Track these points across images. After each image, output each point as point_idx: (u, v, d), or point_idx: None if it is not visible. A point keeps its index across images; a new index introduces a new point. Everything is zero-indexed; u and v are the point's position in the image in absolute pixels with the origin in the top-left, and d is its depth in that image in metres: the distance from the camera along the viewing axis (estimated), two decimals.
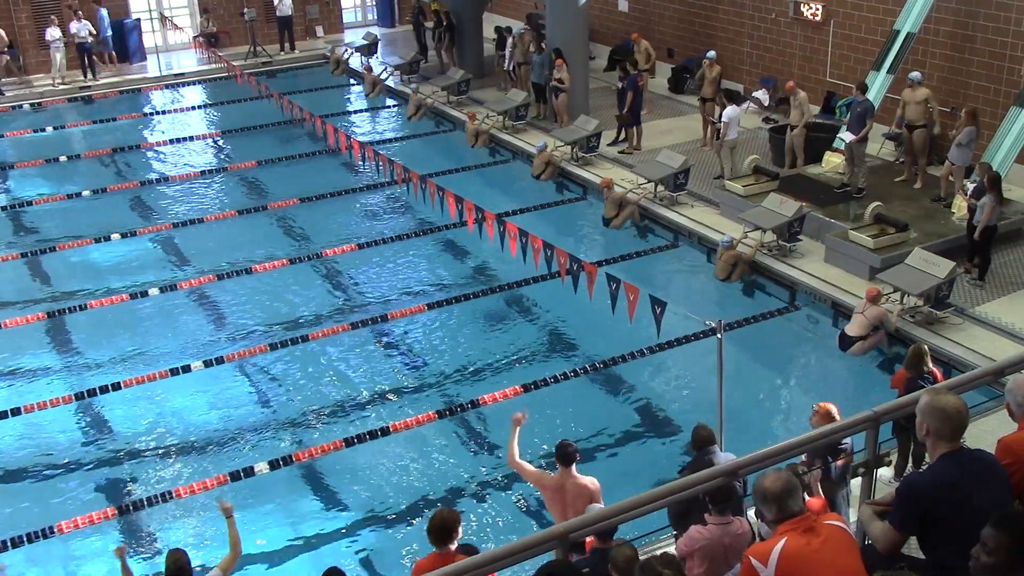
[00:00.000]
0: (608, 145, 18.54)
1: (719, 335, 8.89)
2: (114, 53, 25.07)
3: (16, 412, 11.29)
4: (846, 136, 15.34)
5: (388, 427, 10.87)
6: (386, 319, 13.29)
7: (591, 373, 11.90)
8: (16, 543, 9.28)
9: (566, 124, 18.97)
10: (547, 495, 7.97)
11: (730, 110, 16.26)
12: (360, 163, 18.30)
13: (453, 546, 6.48)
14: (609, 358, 12.01)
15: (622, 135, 18.68)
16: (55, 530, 9.38)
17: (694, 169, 16.31)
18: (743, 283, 13.87)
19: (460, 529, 6.54)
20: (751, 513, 6.95)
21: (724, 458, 7.54)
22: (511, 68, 21.99)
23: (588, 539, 6.62)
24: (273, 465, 10.32)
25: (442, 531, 6.45)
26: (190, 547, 8.47)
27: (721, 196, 15.69)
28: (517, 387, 11.41)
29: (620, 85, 18.35)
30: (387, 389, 11.98)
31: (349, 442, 10.66)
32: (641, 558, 5.25)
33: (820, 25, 18.63)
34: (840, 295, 12.89)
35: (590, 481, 7.76)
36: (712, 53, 18.52)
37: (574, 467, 7.77)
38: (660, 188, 16.16)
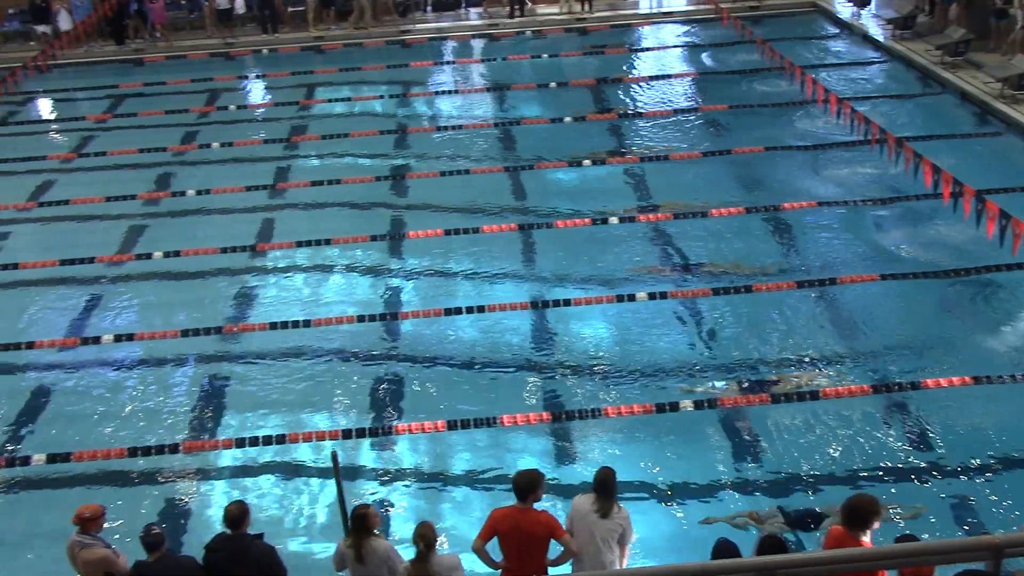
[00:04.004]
0: None
1: None
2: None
3: (481, 309, 12.60)
4: None
5: (818, 392, 10.63)
6: (834, 282, 12.88)
7: None
8: (464, 425, 10.44)
9: None
10: None
11: None
12: (834, 118, 17.66)
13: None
14: None
15: None
16: (497, 421, 10.40)
17: None
18: None
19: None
20: None
21: None
22: None
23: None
24: (698, 405, 10.56)
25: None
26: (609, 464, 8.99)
27: None
28: (966, 377, 10.57)
29: None
30: (820, 354, 11.64)
31: (775, 398, 10.60)
32: None
33: None
34: None
35: None
36: None
37: None
38: None
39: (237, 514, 7.31)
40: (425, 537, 6.98)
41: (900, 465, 9.76)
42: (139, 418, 11.28)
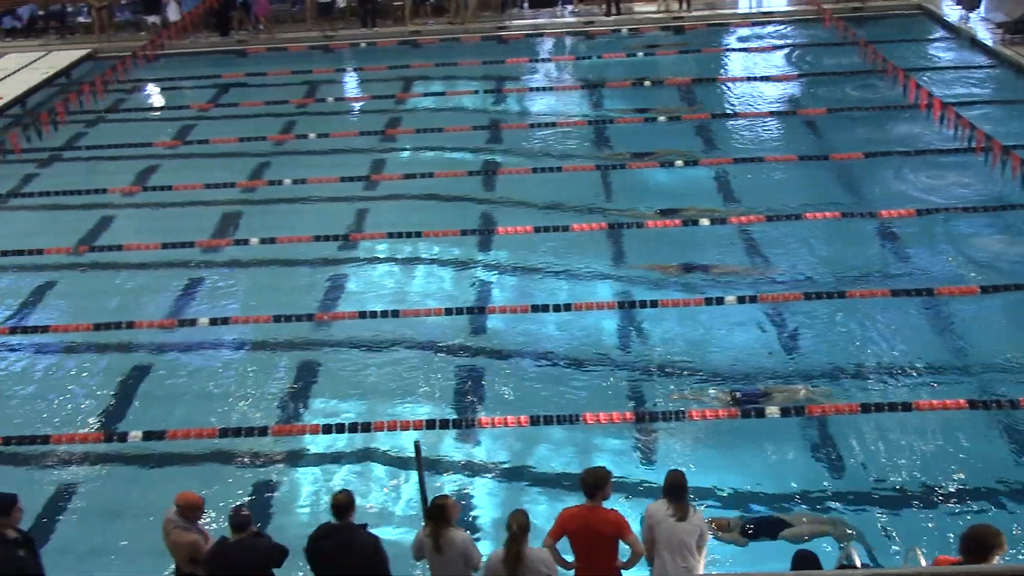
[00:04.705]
0: None
1: None
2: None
3: (567, 307, 12.62)
4: None
5: (911, 403, 10.35)
6: (931, 293, 12.52)
7: None
8: (547, 421, 10.47)
9: None
10: None
11: None
12: (938, 124, 17.16)
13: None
14: None
15: None
16: (580, 419, 10.40)
17: None
18: None
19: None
20: None
21: None
22: None
23: None
24: (784, 412, 10.39)
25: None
26: (687, 469, 8.89)
27: None
28: None
29: None
30: (917, 364, 11.33)
31: (866, 408, 10.36)
32: None
33: None
34: None
35: None
36: None
37: None
38: None
39: (345, 503, 7.37)
40: (519, 522, 7.04)
41: (991, 485, 9.46)
42: (231, 400, 11.59)
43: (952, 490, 9.39)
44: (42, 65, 24.26)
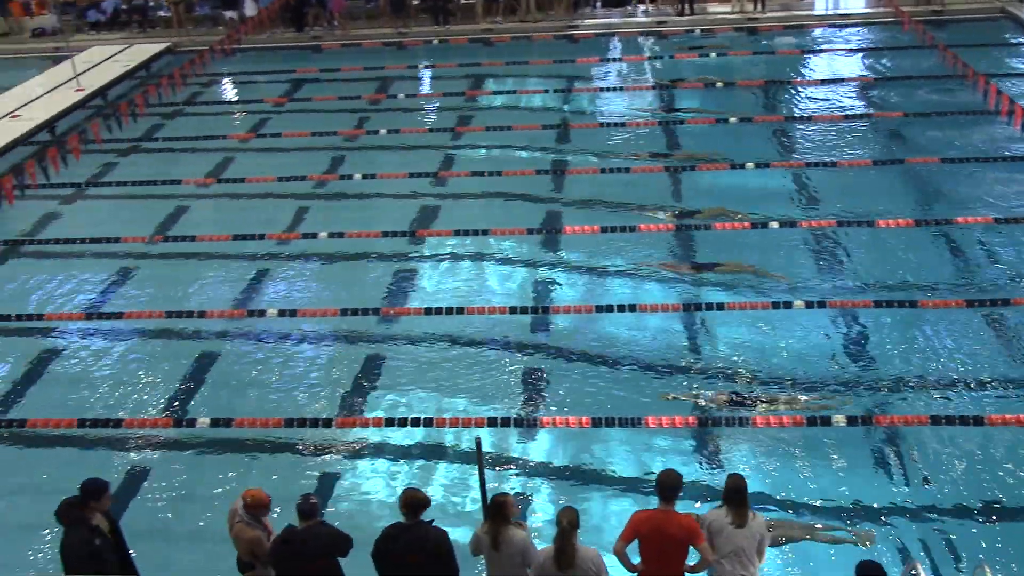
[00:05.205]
0: None
1: None
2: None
3: (632, 308, 12.57)
4: None
5: (983, 417, 10.11)
6: (1007, 303, 12.21)
7: None
8: (609, 422, 10.44)
9: None
10: None
11: None
12: (1019, 131, 16.71)
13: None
14: None
15: None
16: (642, 422, 10.35)
17: None
18: None
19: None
20: None
21: None
22: None
23: None
24: (851, 421, 10.22)
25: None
26: (750, 476, 8.82)
27: None
28: None
29: None
30: (989, 377, 11.06)
31: (936, 420, 10.14)
32: None
33: None
34: None
35: None
36: None
37: None
38: None
39: (422, 501, 7.38)
40: (568, 518, 7.03)
41: None
42: (296, 391, 11.76)
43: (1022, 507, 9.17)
44: (123, 58, 24.86)
